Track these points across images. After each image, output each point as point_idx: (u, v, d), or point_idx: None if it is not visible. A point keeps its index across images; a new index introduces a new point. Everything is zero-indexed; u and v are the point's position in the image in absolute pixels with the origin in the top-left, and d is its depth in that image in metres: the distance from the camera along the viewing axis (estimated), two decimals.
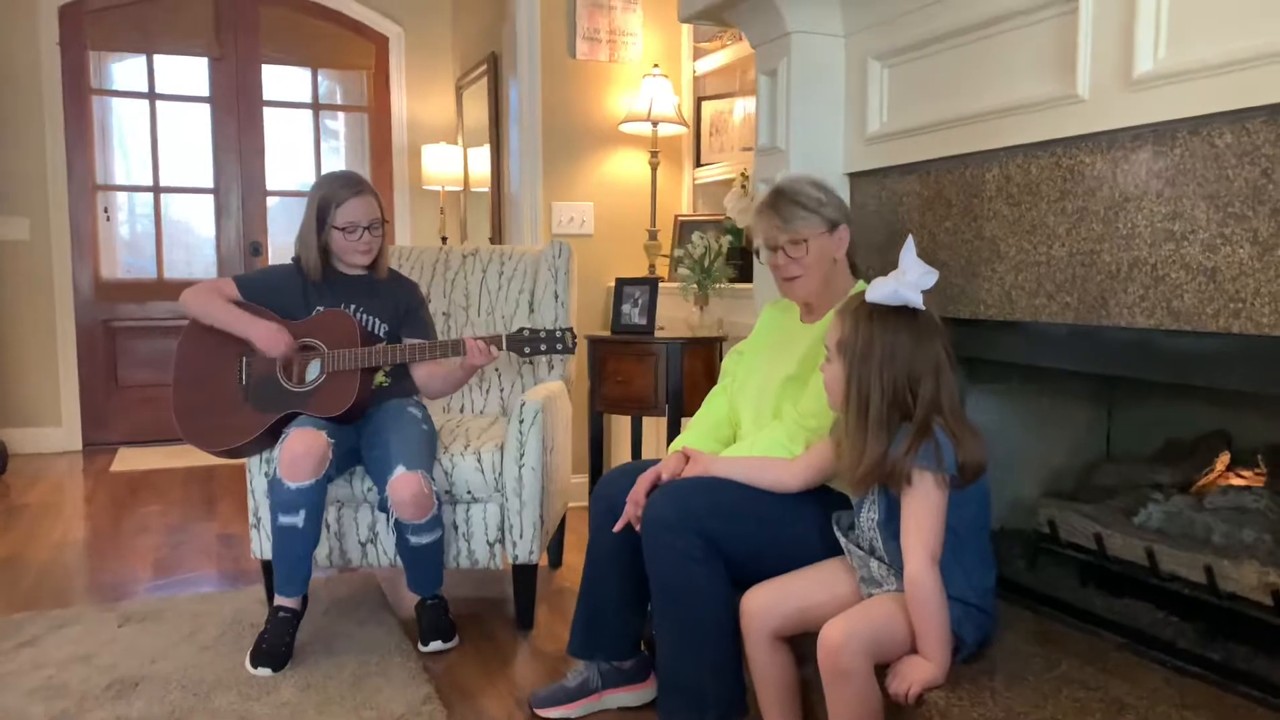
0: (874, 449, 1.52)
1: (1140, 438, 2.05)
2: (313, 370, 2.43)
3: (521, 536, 2.51)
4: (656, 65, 3.75)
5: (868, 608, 1.55)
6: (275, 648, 2.24)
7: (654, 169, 3.75)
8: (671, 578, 1.74)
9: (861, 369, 1.54)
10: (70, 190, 4.99)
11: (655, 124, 3.66)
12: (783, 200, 1.92)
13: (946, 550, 1.51)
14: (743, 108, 3.72)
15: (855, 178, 2.26)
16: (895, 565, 1.55)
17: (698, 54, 3.93)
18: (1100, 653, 1.63)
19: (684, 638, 1.75)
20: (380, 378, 2.51)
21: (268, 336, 2.38)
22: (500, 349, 2.41)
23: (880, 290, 1.56)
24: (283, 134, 5.53)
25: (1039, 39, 1.73)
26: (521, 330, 2.41)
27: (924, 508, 1.49)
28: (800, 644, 1.69)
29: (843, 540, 1.65)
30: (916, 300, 1.54)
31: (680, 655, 1.77)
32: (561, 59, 3.83)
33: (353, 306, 2.50)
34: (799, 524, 1.75)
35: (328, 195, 2.46)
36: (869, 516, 1.61)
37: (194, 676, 2.21)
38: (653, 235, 3.71)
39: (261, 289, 2.51)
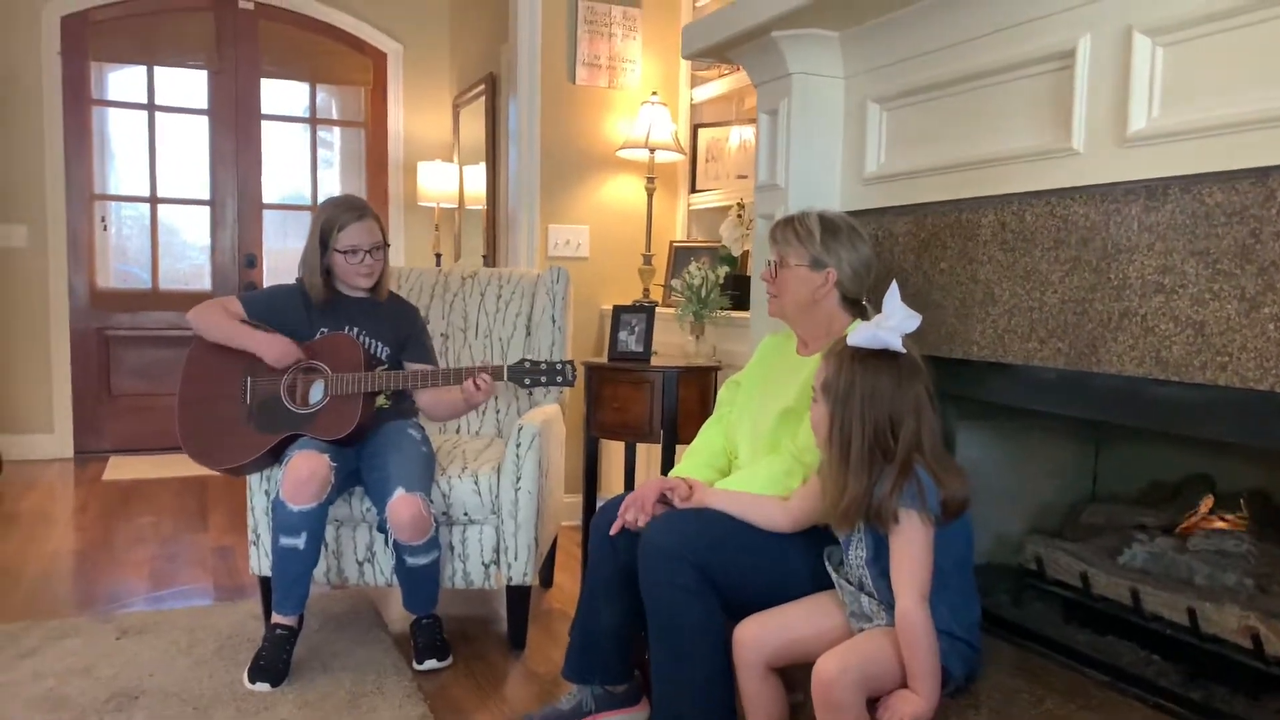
0: (854, 487, 1.56)
1: (1125, 478, 2.11)
2: (316, 392, 2.46)
3: (516, 558, 2.54)
4: (655, 92, 3.81)
5: (859, 642, 1.59)
6: (273, 664, 2.27)
7: (650, 194, 3.80)
8: (667, 607, 1.78)
9: (843, 410, 1.59)
10: (68, 199, 5.00)
11: (652, 150, 3.72)
12: (786, 223, 2.02)
13: (931, 585, 1.56)
14: (739, 136, 3.79)
15: (853, 216, 2.31)
16: (884, 601, 1.60)
17: (695, 82, 4.00)
18: (1084, 690, 1.68)
19: (678, 665, 1.79)
20: (381, 400, 2.54)
21: (275, 349, 2.41)
22: (502, 379, 2.45)
23: (861, 334, 1.62)
24: (280, 147, 5.57)
25: (1036, 92, 1.80)
26: (523, 361, 2.45)
27: (911, 546, 1.53)
28: (790, 673, 1.73)
29: (834, 575, 1.70)
30: (896, 344, 1.59)
31: (674, 682, 1.80)
32: (561, 83, 3.88)
33: (355, 329, 2.53)
34: (791, 558, 1.79)
35: (330, 219, 2.51)
36: (857, 554, 1.65)
37: (193, 690, 2.23)
38: (647, 260, 3.77)
39: (265, 308, 2.54)
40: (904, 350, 1.59)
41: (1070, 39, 1.70)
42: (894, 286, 1.64)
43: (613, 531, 1.92)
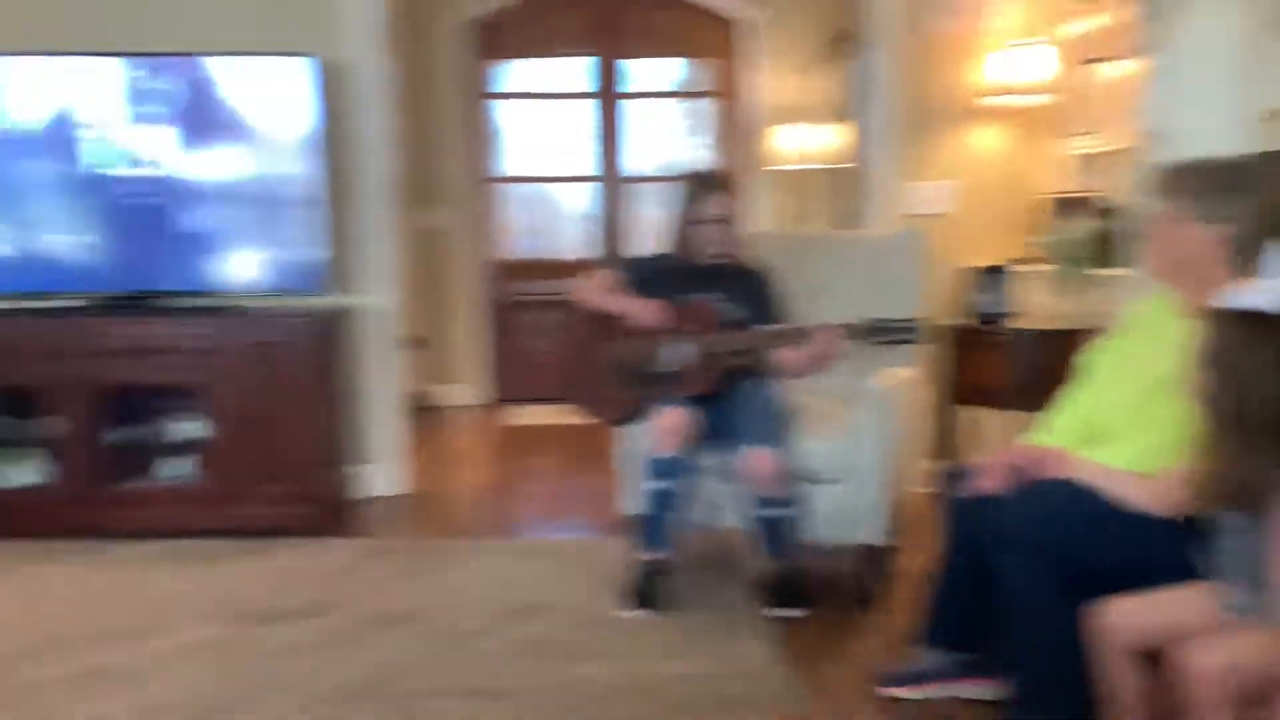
0: (1237, 466, 1.43)
1: None
2: (677, 353, 2.68)
3: (867, 518, 2.59)
4: (1023, 33, 3.57)
5: (1236, 637, 1.46)
6: (644, 594, 2.55)
7: (1019, 143, 3.59)
8: (1020, 586, 1.74)
9: (1223, 380, 1.45)
10: (474, 182, 5.78)
11: (1021, 95, 3.50)
12: (1176, 172, 1.85)
13: None
14: (1118, 73, 3.42)
15: (1254, 161, 2.04)
16: (1267, 594, 1.44)
17: (1070, 17, 3.67)
18: None
19: (1032, 646, 1.75)
20: (738, 359, 2.71)
21: (645, 310, 2.67)
22: (851, 337, 2.49)
23: (1239, 295, 1.47)
24: (651, 122, 5.96)
25: None
26: (870, 318, 2.48)
27: None
28: (1155, 659, 1.63)
29: (1207, 563, 1.56)
30: (1273, 306, 1.42)
31: (1028, 663, 1.77)
32: (921, 33, 3.76)
33: (713, 294, 2.71)
34: (1158, 541, 1.67)
35: (687, 192, 2.74)
36: (1236, 541, 1.50)
37: (583, 609, 2.59)
38: (1020, 214, 3.56)
39: (639, 278, 2.81)
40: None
41: None
42: (1273, 249, 1.46)
43: (968, 496, 1.91)
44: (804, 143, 5.32)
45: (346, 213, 3.62)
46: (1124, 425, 1.87)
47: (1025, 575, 1.73)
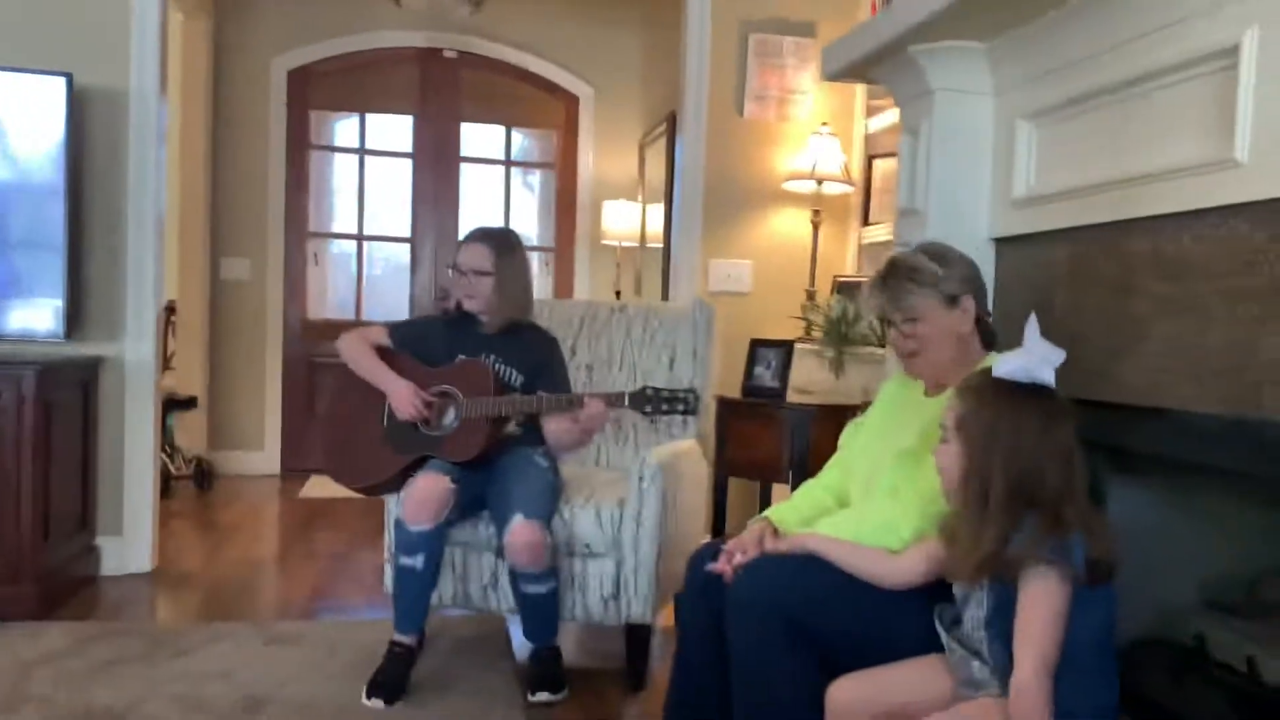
0: (991, 540, 1.39)
1: None
2: (448, 415, 2.52)
3: (636, 594, 2.47)
4: (825, 123, 3.70)
5: (965, 712, 1.42)
6: (389, 681, 2.32)
7: (816, 228, 3.68)
8: (753, 662, 1.65)
9: (982, 451, 1.42)
10: (286, 236, 5.50)
11: (820, 182, 3.61)
12: (895, 275, 1.81)
13: (1060, 658, 1.35)
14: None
15: (1001, 243, 2.11)
16: (1000, 668, 1.41)
17: (871, 111, 3.85)
18: None
19: (761, 709, 1.65)
20: (511, 427, 2.57)
21: (401, 396, 2.49)
22: (623, 405, 2.41)
23: (1009, 365, 1.45)
24: (477, 188, 5.87)
25: (1195, 97, 1.56)
26: (645, 389, 2.41)
27: (1041, 607, 1.34)
28: None
29: (944, 636, 1.52)
30: (1049, 378, 1.43)
31: None
32: (729, 117, 3.85)
33: (491, 356, 2.58)
34: (899, 614, 1.62)
35: (459, 242, 2.63)
36: (975, 613, 1.47)
37: (316, 702, 2.32)
38: (811, 295, 3.63)
39: (410, 336, 2.65)
40: (1054, 386, 1.42)
41: (1234, 33, 1.46)
42: (1033, 319, 1.47)
43: (711, 569, 1.79)
44: (632, 220, 5.34)
45: (110, 253, 3.31)
46: (869, 498, 1.83)
47: (755, 639, 1.64)
